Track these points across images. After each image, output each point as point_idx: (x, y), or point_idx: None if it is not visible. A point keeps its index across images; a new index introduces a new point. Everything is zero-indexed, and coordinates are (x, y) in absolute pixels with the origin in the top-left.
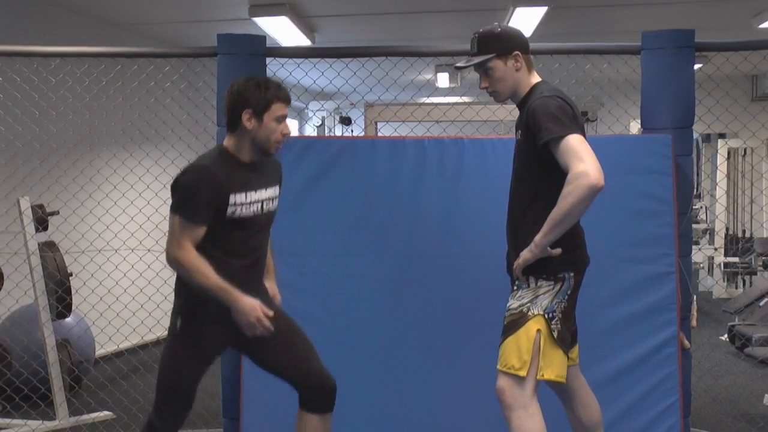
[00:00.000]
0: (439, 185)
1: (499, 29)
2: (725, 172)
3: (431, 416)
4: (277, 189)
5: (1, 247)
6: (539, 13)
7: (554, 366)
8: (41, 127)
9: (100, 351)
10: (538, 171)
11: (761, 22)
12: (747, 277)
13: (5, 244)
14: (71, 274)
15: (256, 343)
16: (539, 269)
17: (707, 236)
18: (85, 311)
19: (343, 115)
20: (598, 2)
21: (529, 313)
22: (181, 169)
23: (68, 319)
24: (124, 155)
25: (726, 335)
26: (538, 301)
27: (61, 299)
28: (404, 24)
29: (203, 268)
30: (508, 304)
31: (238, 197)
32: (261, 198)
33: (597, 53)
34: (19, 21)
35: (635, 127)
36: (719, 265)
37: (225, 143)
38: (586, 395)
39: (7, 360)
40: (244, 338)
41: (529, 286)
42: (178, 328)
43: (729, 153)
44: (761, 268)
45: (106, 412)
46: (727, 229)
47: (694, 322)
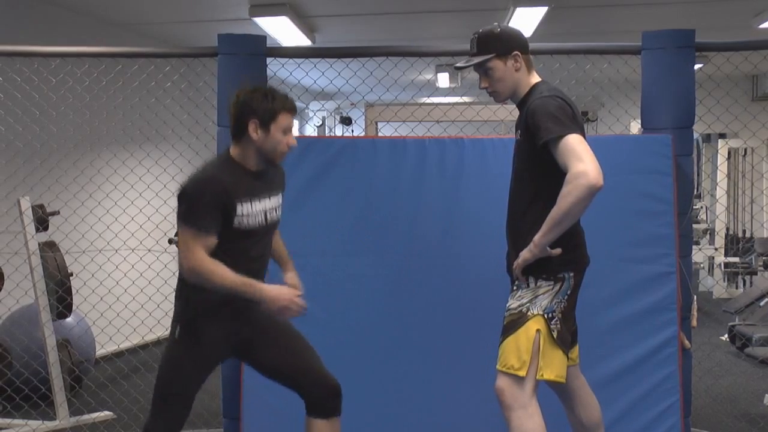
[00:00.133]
0: (440, 185)
1: (499, 29)
2: (725, 172)
3: (431, 416)
4: (281, 197)
5: (1, 247)
6: (540, 13)
7: (554, 366)
8: (42, 127)
9: (100, 351)
10: (537, 171)
11: (761, 22)
12: (747, 277)
13: (6, 244)
14: (72, 274)
15: (257, 351)
16: (539, 269)
17: (707, 236)
18: (85, 311)
19: (344, 115)
20: (598, 2)
21: (529, 313)
22: (187, 178)
23: (69, 319)
24: (124, 155)
25: (726, 335)
26: (538, 301)
27: (61, 299)
28: (405, 24)
29: (220, 271)
30: (507, 304)
31: (245, 207)
32: (265, 207)
33: (597, 53)
34: (20, 21)
35: (635, 127)
36: (719, 265)
37: (231, 151)
38: (586, 395)
39: (7, 360)
40: (246, 347)
41: (528, 286)
42: (177, 335)
43: (729, 153)
44: (761, 268)
45: (106, 412)
46: (728, 229)
47: (694, 322)
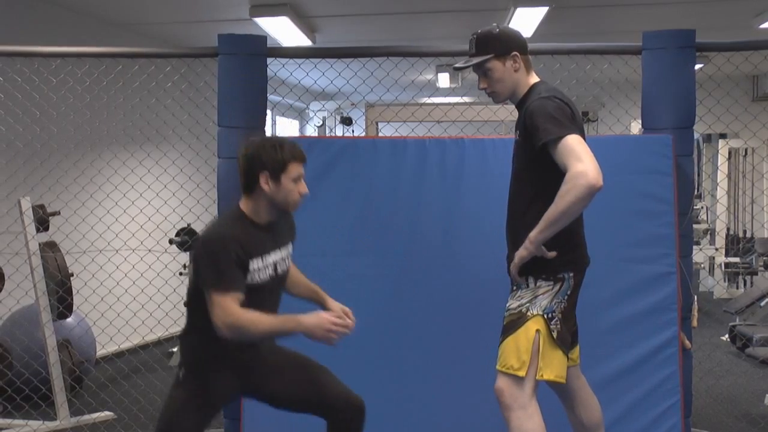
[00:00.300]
0: (440, 185)
1: (498, 30)
2: (726, 173)
3: (431, 416)
4: (291, 246)
5: (2, 248)
6: (540, 13)
7: (554, 366)
8: (42, 127)
9: (101, 351)
10: (537, 171)
11: (762, 22)
12: (748, 278)
13: (6, 244)
14: (72, 275)
15: (269, 385)
16: (538, 269)
17: (708, 236)
18: (86, 311)
19: (344, 115)
20: (598, 2)
21: (528, 313)
22: (200, 238)
23: (69, 320)
24: (125, 155)
25: (727, 335)
26: (538, 301)
27: (62, 299)
28: (405, 24)
29: (256, 318)
30: (507, 304)
31: (256, 263)
32: (275, 260)
33: (598, 53)
34: (20, 21)
35: (636, 128)
36: (720, 265)
37: (242, 206)
38: (586, 396)
39: (8, 360)
40: (256, 384)
41: (528, 287)
42: (181, 377)
43: (730, 153)
44: (762, 269)
45: (107, 413)
46: (728, 229)
47: (694, 323)
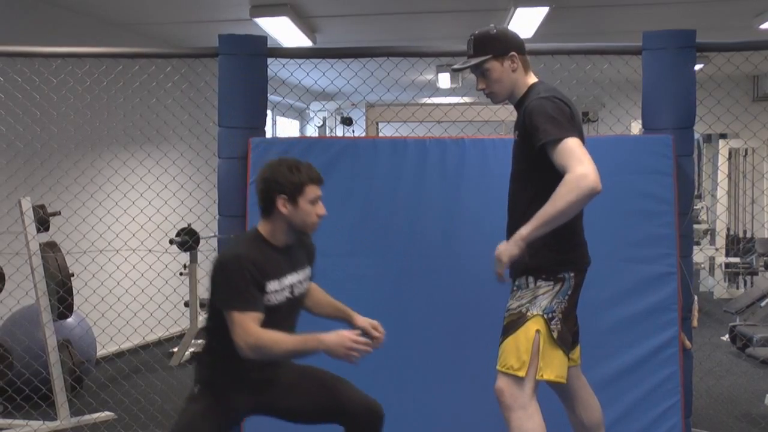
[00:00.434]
0: (441, 185)
1: (495, 30)
2: (726, 173)
3: (431, 416)
4: (309, 270)
5: (2, 248)
6: (540, 13)
7: (554, 366)
8: (43, 127)
9: (101, 351)
10: (536, 172)
11: (762, 23)
12: (748, 278)
13: (7, 244)
14: (72, 275)
15: (286, 401)
16: (538, 269)
17: (708, 236)
18: (86, 312)
19: (345, 115)
20: (599, 2)
21: (528, 313)
22: (217, 260)
23: (69, 320)
24: (125, 156)
25: (727, 336)
26: (537, 301)
27: (62, 300)
28: (405, 24)
29: (276, 338)
30: (507, 305)
31: (273, 285)
32: (292, 282)
33: (598, 53)
34: (21, 21)
35: (636, 128)
36: (720, 265)
37: (260, 228)
38: (587, 396)
39: (8, 360)
40: (272, 402)
41: (528, 287)
42: (197, 391)
43: (730, 153)
44: (762, 269)
45: (107, 413)
46: (728, 229)
47: (695, 323)
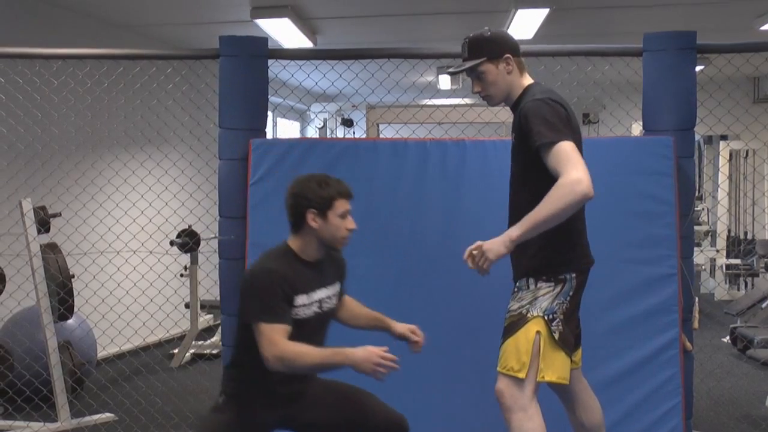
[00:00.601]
0: (441, 187)
1: (489, 33)
2: (727, 174)
3: (431, 417)
4: (338, 286)
5: (3, 249)
6: (541, 14)
7: (555, 367)
8: (43, 128)
9: (101, 353)
10: (534, 174)
11: (763, 24)
12: (749, 279)
13: (7, 246)
14: (73, 276)
15: (311, 416)
16: (539, 270)
17: (709, 238)
18: (87, 313)
19: (345, 117)
20: (599, 4)
21: (529, 314)
22: (247, 273)
23: (70, 321)
24: (126, 157)
25: (728, 337)
26: (538, 302)
27: (63, 301)
28: (406, 26)
29: (303, 351)
30: (508, 306)
31: (302, 299)
32: (321, 297)
33: (599, 55)
34: (21, 23)
35: (637, 129)
36: (721, 266)
37: (290, 243)
38: (588, 398)
39: (9, 362)
40: (297, 417)
41: (528, 288)
42: (221, 402)
43: (731, 155)
44: (763, 270)
45: (107, 414)
46: (729, 231)
47: (695, 324)
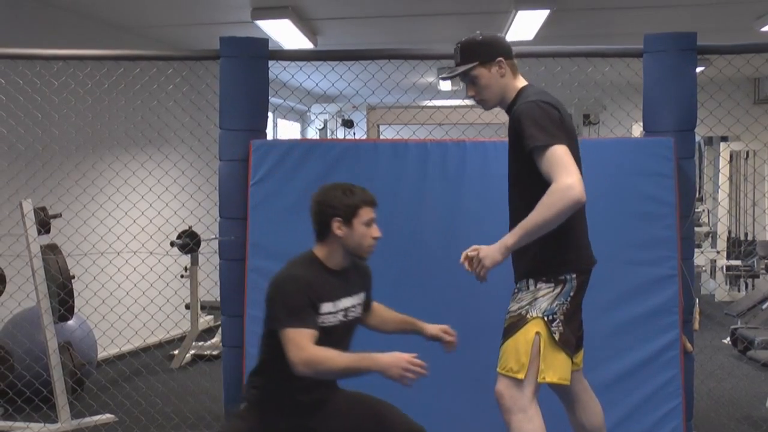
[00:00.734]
0: (442, 188)
1: (481, 37)
2: (727, 175)
3: (432, 419)
4: (363, 296)
5: (3, 250)
6: (542, 16)
7: (555, 368)
8: (44, 129)
9: (102, 353)
10: (531, 176)
11: (763, 25)
12: (749, 280)
13: (7, 246)
14: (73, 277)
15: (331, 426)
16: (539, 271)
17: (709, 239)
18: (87, 314)
19: (346, 117)
20: (600, 5)
21: (528, 315)
22: (273, 280)
23: (70, 322)
24: (126, 158)
25: (728, 338)
26: (537, 303)
27: (63, 302)
28: (406, 27)
29: (331, 355)
30: (508, 307)
31: (327, 307)
32: (346, 306)
33: (599, 56)
34: (22, 24)
35: (637, 130)
36: (721, 268)
37: (316, 252)
38: (588, 399)
39: (9, 363)
40: (316, 427)
41: (528, 289)
42: (242, 409)
43: (731, 156)
44: (764, 271)
45: (108, 415)
46: (730, 232)
47: (696, 326)
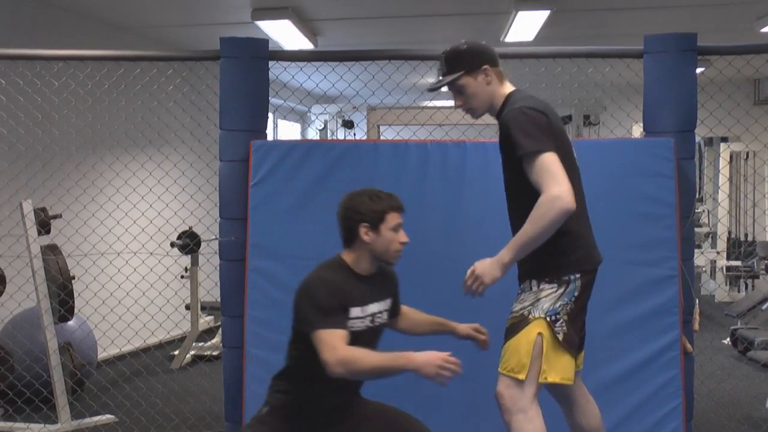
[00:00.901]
0: (442, 188)
1: (466, 46)
2: (727, 176)
3: (432, 420)
4: (389, 302)
5: (3, 250)
6: (542, 16)
7: (558, 369)
8: (44, 130)
9: (102, 354)
10: (524, 182)
11: (764, 26)
12: (749, 281)
13: (8, 247)
14: (74, 277)
15: None
16: (541, 272)
17: (710, 240)
18: (87, 314)
19: (346, 118)
20: (600, 5)
21: (530, 316)
22: (302, 284)
23: (70, 323)
24: (126, 158)
25: (728, 339)
26: (540, 304)
27: (63, 302)
28: (407, 27)
29: (365, 354)
30: (511, 308)
31: (355, 311)
32: (373, 311)
33: (599, 56)
34: (22, 24)
35: (638, 131)
36: (721, 268)
37: (344, 257)
38: (586, 402)
39: (9, 363)
40: None
41: (531, 290)
42: (264, 413)
43: (731, 156)
44: (763, 272)
45: (108, 416)
46: (730, 232)
47: (696, 326)
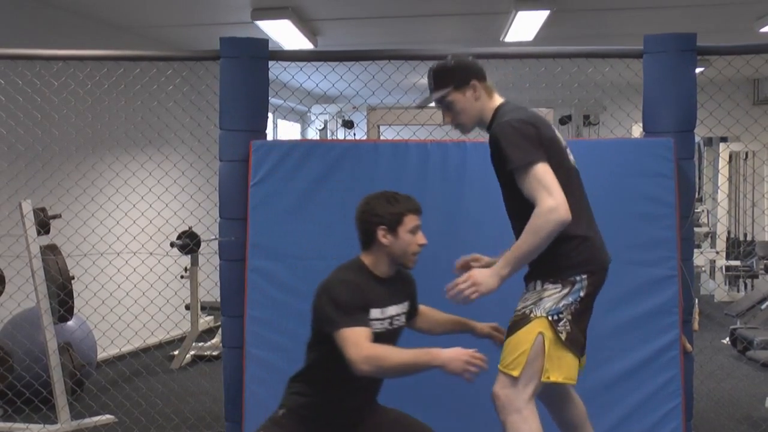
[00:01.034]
0: (442, 189)
1: (453, 62)
2: (727, 176)
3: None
4: (407, 305)
5: (3, 251)
6: (542, 16)
7: (562, 368)
8: (44, 130)
9: (102, 354)
10: (518, 193)
11: (763, 26)
12: (749, 281)
13: (7, 247)
14: (73, 278)
15: None
16: (545, 272)
17: (709, 239)
18: (87, 314)
19: (346, 118)
20: (600, 5)
21: (531, 315)
22: (321, 285)
23: (70, 323)
24: (126, 158)
25: (728, 339)
26: (542, 303)
27: (63, 302)
28: (407, 27)
29: (390, 351)
30: (516, 307)
31: (375, 312)
32: (392, 314)
33: (599, 56)
34: (22, 24)
35: (637, 131)
36: (721, 268)
37: (363, 259)
38: (576, 397)
39: (8, 363)
40: None
41: (535, 289)
42: (280, 415)
43: (731, 156)
44: (763, 272)
45: (108, 416)
46: (729, 232)
47: (696, 326)
